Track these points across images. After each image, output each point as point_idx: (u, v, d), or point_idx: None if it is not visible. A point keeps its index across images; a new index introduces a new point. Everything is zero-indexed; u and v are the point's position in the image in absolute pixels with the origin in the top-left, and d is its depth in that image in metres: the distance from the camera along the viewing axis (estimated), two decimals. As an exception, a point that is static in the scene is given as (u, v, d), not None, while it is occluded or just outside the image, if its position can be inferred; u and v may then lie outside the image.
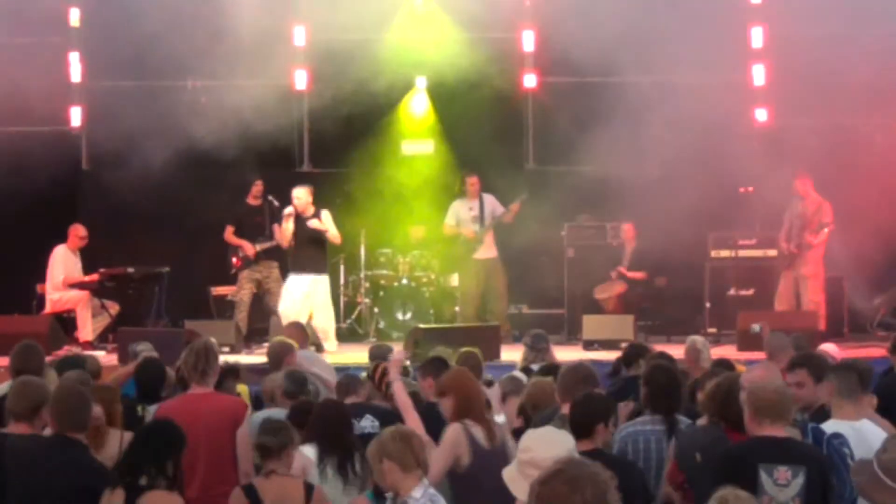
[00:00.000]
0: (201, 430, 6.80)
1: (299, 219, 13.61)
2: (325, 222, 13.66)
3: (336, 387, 8.19)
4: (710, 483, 5.43)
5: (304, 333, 10.55)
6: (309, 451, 6.72)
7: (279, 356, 9.09)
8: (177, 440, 5.91)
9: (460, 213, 15.09)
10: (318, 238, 13.66)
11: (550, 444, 4.60)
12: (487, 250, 14.99)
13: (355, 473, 6.71)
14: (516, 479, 4.54)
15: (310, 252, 13.67)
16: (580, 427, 6.00)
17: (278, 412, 7.50)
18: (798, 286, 14.20)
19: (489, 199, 15.02)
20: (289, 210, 13.69)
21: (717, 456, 6.01)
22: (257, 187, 14.29)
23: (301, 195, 13.60)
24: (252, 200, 14.39)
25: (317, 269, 13.68)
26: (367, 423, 7.44)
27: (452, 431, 6.46)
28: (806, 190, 14.17)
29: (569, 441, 4.66)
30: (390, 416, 7.29)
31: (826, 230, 13.97)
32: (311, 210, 13.64)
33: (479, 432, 6.46)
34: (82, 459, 6.03)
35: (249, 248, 14.16)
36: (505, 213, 14.87)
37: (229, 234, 14.34)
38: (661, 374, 7.14)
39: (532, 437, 4.72)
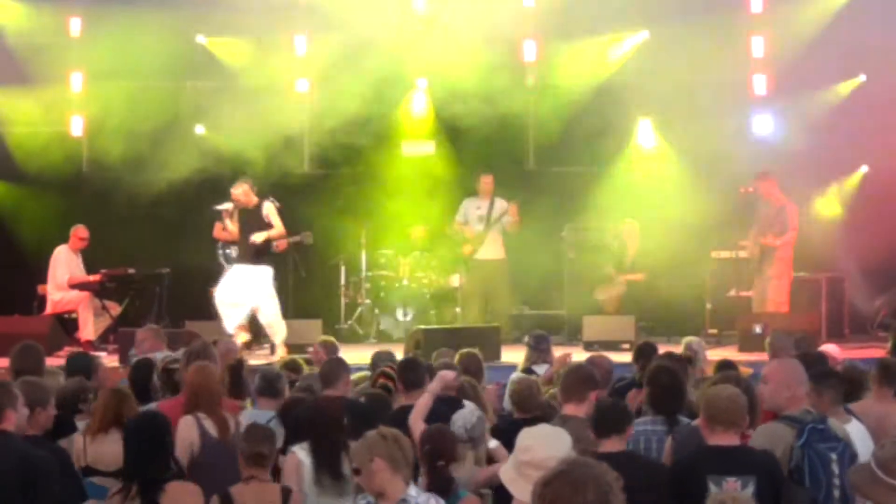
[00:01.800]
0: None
1: (243, 212, 13.36)
2: (270, 216, 13.27)
3: (320, 376, 7.89)
4: (667, 496, 5.41)
5: (159, 340, 10.09)
6: (301, 453, 6.56)
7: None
8: (160, 430, 5.98)
9: (468, 211, 15.02)
10: (262, 230, 13.29)
11: (550, 443, 4.53)
12: (489, 251, 14.88)
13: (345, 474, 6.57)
14: (515, 480, 4.46)
15: (253, 244, 13.28)
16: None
17: (257, 413, 7.39)
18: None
19: (500, 202, 14.87)
20: (225, 206, 13.47)
21: (668, 468, 6.01)
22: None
23: (239, 192, 13.27)
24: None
25: (258, 260, 13.29)
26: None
27: (183, 422, 6.85)
28: (770, 191, 13.86)
29: (567, 440, 4.58)
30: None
31: (789, 235, 13.70)
32: (254, 201, 13.29)
33: (210, 424, 6.89)
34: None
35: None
36: (504, 215, 14.76)
37: (219, 230, 14.27)
38: (665, 374, 7.13)
39: (530, 436, 4.61)
